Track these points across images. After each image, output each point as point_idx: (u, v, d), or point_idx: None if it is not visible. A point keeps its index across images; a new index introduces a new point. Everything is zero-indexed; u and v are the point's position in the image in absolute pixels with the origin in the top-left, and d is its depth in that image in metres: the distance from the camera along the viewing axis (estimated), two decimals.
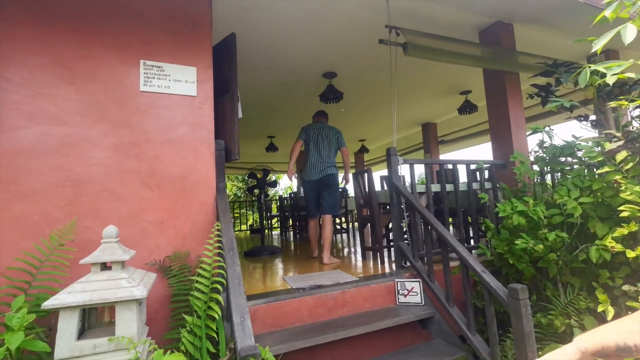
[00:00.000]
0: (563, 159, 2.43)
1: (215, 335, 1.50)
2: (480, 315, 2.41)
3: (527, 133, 2.46)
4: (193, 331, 1.50)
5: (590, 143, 1.92)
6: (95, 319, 1.53)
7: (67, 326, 1.31)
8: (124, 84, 2.07)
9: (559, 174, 2.49)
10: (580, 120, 2.37)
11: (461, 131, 8.00)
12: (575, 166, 2.33)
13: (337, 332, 2.05)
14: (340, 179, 3.86)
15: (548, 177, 2.57)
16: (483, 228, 3.55)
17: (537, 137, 2.49)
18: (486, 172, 3.62)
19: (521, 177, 2.50)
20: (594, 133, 2.23)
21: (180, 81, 2.16)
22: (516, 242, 2.05)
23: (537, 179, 2.48)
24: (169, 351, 1.34)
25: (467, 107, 5.50)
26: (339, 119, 6.66)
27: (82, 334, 1.46)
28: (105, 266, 1.49)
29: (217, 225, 1.79)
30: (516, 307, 1.69)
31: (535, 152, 2.55)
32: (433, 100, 5.85)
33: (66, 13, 1.99)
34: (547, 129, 2.33)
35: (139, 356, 1.33)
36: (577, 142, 2.26)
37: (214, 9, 2.68)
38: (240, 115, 2.45)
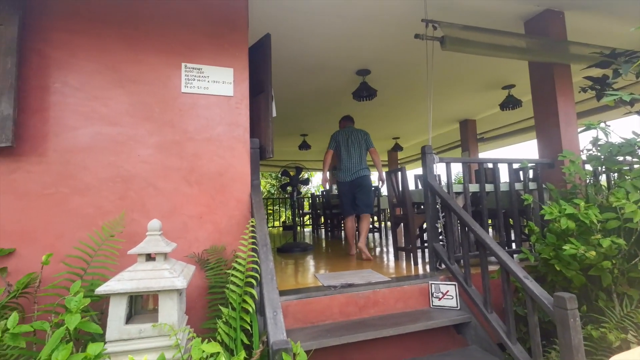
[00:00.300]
0: (621, 158, 2.21)
1: (249, 328, 1.55)
2: (521, 323, 2.27)
3: (579, 130, 2.26)
4: (228, 322, 1.56)
5: None
6: (140, 306, 1.65)
7: (117, 311, 1.42)
8: (168, 86, 2.19)
9: (615, 174, 2.27)
10: None
11: (502, 128, 7.55)
12: (636, 166, 2.11)
13: (368, 332, 2.04)
14: (375, 179, 3.92)
15: (603, 178, 2.35)
16: (526, 231, 3.34)
17: (591, 134, 2.29)
18: (530, 172, 3.39)
19: (571, 178, 2.31)
20: None
21: (218, 82, 2.25)
22: (564, 247, 1.90)
23: (590, 179, 2.28)
24: (206, 340, 1.40)
25: (510, 103, 5.18)
26: (373, 117, 6.57)
27: (129, 319, 1.58)
28: (149, 257, 1.59)
29: (252, 222, 1.84)
30: (563, 317, 1.57)
31: (588, 150, 2.34)
32: (472, 95, 5.57)
33: (117, 20, 2.15)
34: (602, 125, 2.13)
35: (179, 343, 1.41)
36: (639, 140, 2.05)
37: (249, 10, 2.75)
38: (274, 114, 2.50)
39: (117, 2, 2.15)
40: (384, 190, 6.59)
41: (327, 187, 4.04)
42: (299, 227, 8.54)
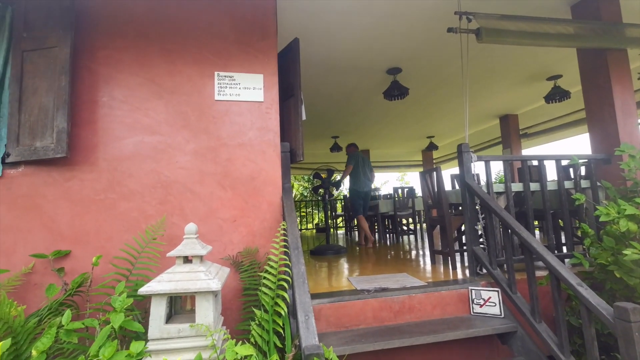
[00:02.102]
0: None
1: (282, 331, 1.56)
2: (575, 335, 2.08)
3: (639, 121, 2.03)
4: (261, 325, 1.58)
5: None
6: (180, 306, 1.72)
7: (157, 310, 1.50)
8: (202, 95, 2.29)
9: None
10: None
11: (548, 122, 7.01)
12: None
13: (404, 339, 1.97)
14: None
15: None
16: (579, 234, 3.05)
17: None
18: (583, 169, 3.10)
19: (631, 174, 2.07)
20: None
21: (249, 88, 2.30)
22: (625, 252, 1.71)
23: None
24: (240, 342, 1.43)
25: (557, 95, 4.80)
26: (405, 116, 6.41)
27: (169, 318, 1.66)
28: (187, 259, 1.66)
29: (283, 225, 1.86)
30: (626, 330, 1.40)
31: None
32: (513, 89, 5.24)
33: (156, 36, 2.28)
34: None
35: (215, 343, 1.45)
36: None
37: (278, 14, 2.80)
38: (304, 117, 2.51)
39: (157, 19, 2.28)
40: (418, 191, 6.36)
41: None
42: (332, 230, 8.53)
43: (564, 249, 2.88)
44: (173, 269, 1.58)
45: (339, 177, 5.30)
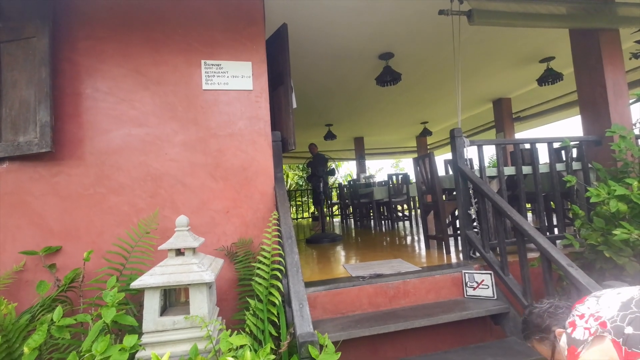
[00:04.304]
0: None
1: (277, 320, 1.57)
2: None
3: (630, 102, 2.02)
4: (256, 314, 1.59)
5: None
6: (174, 299, 1.72)
7: (151, 304, 1.49)
8: (189, 85, 2.23)
9: None
10: None
11: (541, 105, 7.01)
12: None
13: (399, 323, 2.00)
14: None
15: None
16: (570, 215, 3.09)
17: None
18: (574, 151, 3.11)
19: (621, 155, 2.08)
20: None
21: (237, 77, 2.25)
22: (614, 232, 1.73)
23: None
24: (235, 332, 1.44)
25: (550, 77, 4.78)
26: (398, 102, 6.36)
27: (164, 311, 1.65)
28: (179, 252, 1.65)
29: (275, 215, 1.85)
30: None
31: None
32: (506, 72, 5.20)
33: (139, 25, 2.21)
34: None
35: (211, 334, 1.45)
36: None
37: (264, 0, 2.71)
38: (294, 105, 2.48)
39: (140, 7, 2.20)
40: (412, 177, 6.37)
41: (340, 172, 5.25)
42: (327, 218, 8.55)
43: (556, 230, 2.92)
44: (165, 262, 1.56)
45: (333, 166, 5.31)
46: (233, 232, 2.18)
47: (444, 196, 3.24)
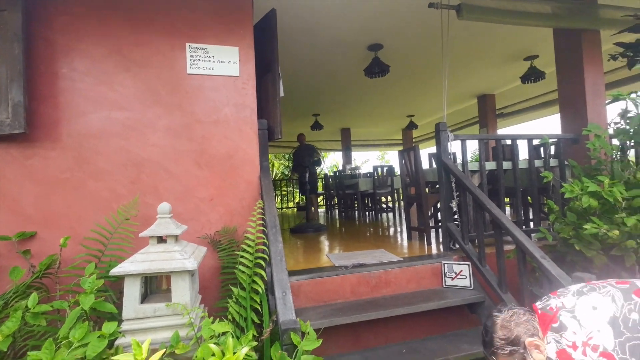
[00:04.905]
0: None
1: (259, 307, 1.58)
2: None
3: (607, 102, 2.10)
4: (239, 302, 1.59)
5: None
6: (155, 286, 1.70)
7: (132, 291, 1.47)
8: (174, 68, 2.16)
9: None
10: None
11: (524, 102, 7.19)
12: None
13: (380, 311, 2.05)
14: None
15: (631, 153, 2.20)
16: (546, 210, 3.22)
17: (620, 106, 2.13)
18: (552, 148, 3.22)
19: (595, 153, 2.17)
20: None
21: (224, 62, 2.20)
22: (585, 226, 1.81)
23: (617, 155, 2.14)
24: (217, 319, 1.44)
25: (533, 75, 4.89)
26: (386, 95, 6.38)
27: (145, 298, 1.64)
28: (161, 239, 1.63)
29: (260, 203, 1.84)
30: None
31: (616, 123, 2.19)
32: (492, 69, 5.29)
33: (121, 2, 2.11)
34: (632, 95, 1.97)
35: (192, 321, 1.45)
36: None
37: None
38: (281, 94, 2.44)
39: None
40: (397, 169, 6.46)
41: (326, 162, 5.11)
42: (312, 208, 8.57)
43: (531, 224, 3.04)
44: (147, 249, 1.54)
45: (320, 156, 5.31)
46: (217, 221, 2.16)
47: (427, 189, 3.30)
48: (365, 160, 16.93)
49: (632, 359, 0.79)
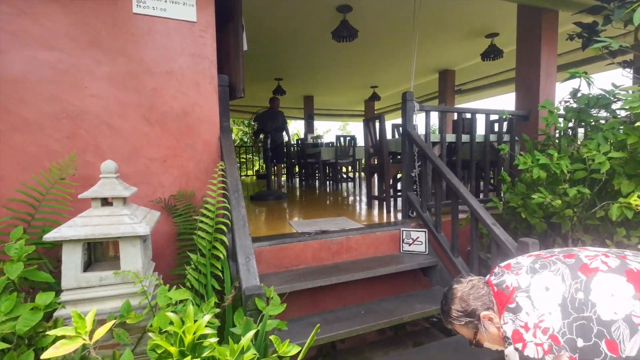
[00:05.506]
0: (595, 112, 2.23)
1: (221, 274, 1.51)
2: (483, 267, 2.42)
3: (564, 79, 2.22)
4: (198, 269, 1.50)
5: (635, 92, 1.71)
6: (101, 253, 1.54)
7: (72, 258, 1.31)
8: (116, 5, 1.84)
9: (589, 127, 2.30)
10: (624, 67, 2.11)
11: (481, 80, 7.49)
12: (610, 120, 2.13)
13: (341, 276, 2.09)
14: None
15: (580, 132, 2.38)
16: (493, 182, 3.45)
17: (570, 85, 2.27)
18: (505, 125, 3.41)
19: (547, 130, 2.32)
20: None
21: (178, 3, 1.91)
22: (533, 196, 1.96)
23: (566, 131, 2.30)
24: (174, 287, 1.34)
25: (492, 53, 5.05)
26: (351, 63, 6.22)
27: (89, 266, 1.48)
28: (106, 202, 1.45)
29: (221, 165, 1.71)
30: None
31: (566, 102, 2.33)
32: (455, 44, 5.36)
33: None
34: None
35: (146, 289, 1.34)
36: (617, 92, 2.04)
37: None
38: (245, 47, 2.22)
39: None
40: (360, 140, 6.51)
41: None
42: (273, 176, 8.43)
43: (481, 195, 3.25)
44: (89, 212, 1.36)
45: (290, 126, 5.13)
46: (172, 184, 1.99)
47: (389, 159, 3.35)
48: (327, 131, 16.87)
49: (578, 338, 0.81)
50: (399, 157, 3.40)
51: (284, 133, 5.67)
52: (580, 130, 2.29)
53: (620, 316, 0.80)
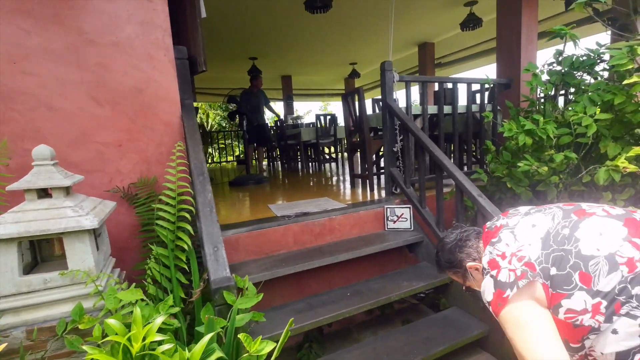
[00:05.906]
0: (579, 76, 2.14)
1: (187, 267, 1.36)
2: None
3: (548, 38, 2.10)
4: (161, 261, 1.34)
5: (622, 49, 1.62)
6: (47, 253, 1.35)
7: (6, 261, 1.12)
8: None
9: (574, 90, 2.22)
10: (607, 25, 2.01)
11: (461, 52, 7.37)
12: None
13: (324, 258, 1.98)
14: None
15: (560, 101, 2.30)
16: (476, 154, 3.39)
17: (549, 53, 2.16)
18: (486, 94, 3.32)
19: (530, 94, 2.23)
20: (622, 40, 1.91)
21: None
22: (519, 164, 1.87)
23: (551, 92, 2.21)
24: (135, 284, 1.19)
25: (471, 22, 4.90)
26: (328, 38, 5.95)
27: (33, 268, 1.29)
28: (46, 193, 1.25)
29: (179, 145, 1.52)
30: None
31: (549, 64, 2.23)
32: (433, 14, 5.17)
33: None
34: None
35: (101, 289, 1.18)
36: (603, 50, 1.95)
37: None
38: (203, 14, 1.99)
39: None
40: (340, 120, 6.34)
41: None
42: (254, 160, 8.19)
43: (465, 167, 3.19)
44: (22, 207, 1.17)
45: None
46: (130, 171, 1.79)
47: (370, 135, 3.21)
48: (308, 111, 16.52)
49: (552, 267, 0.83)
50: (380, 132, 3.27)
51: (271, 113, 5.47)
52: (560, 99, 2.22)
53: (603, 253, 0.78)
